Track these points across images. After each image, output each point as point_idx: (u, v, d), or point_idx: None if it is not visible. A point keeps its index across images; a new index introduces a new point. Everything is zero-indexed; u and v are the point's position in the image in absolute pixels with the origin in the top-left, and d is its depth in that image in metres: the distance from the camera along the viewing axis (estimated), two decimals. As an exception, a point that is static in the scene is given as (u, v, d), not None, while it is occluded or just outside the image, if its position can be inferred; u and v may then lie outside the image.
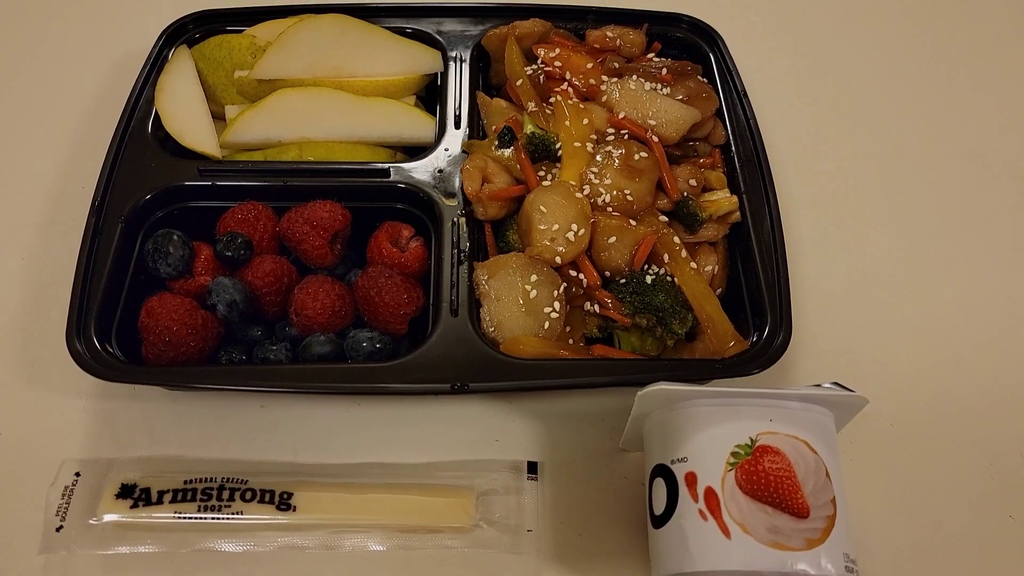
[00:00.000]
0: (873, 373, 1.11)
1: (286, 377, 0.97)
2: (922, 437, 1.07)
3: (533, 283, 1.03)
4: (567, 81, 1.23)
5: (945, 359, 1.13)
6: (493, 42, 1.29)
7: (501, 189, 1.11)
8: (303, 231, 1.08)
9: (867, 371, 1.11)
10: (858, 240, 1.25)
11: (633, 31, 1.28)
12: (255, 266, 1.06)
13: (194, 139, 1.16)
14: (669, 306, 1.02)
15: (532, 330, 1.02)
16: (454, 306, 1.03)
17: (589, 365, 0.99)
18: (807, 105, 1.43)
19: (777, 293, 1.05)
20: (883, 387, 1.09)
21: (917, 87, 1.47)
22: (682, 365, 1.01)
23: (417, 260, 1.10)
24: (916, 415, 1.08)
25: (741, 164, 1.17)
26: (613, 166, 1.10)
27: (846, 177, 1.33)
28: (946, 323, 1.17)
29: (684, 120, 1.15)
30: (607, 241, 1.05)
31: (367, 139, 1.19)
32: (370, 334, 1.03)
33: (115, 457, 1.02)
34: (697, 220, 1.09)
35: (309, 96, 1.18)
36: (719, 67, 1.27)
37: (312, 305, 1.03)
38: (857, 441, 1.04)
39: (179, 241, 1.05)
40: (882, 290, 1.20)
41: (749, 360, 0.99)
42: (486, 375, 0.97)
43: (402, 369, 0.97)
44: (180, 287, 1.06)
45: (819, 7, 1.59)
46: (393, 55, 1.23)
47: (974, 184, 1.33)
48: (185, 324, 0.99)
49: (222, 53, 1.23)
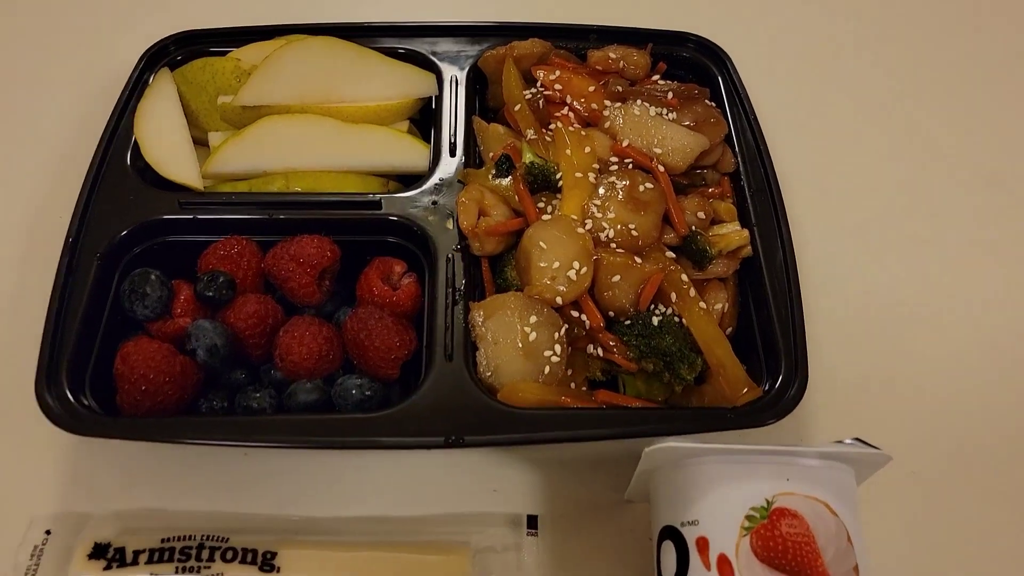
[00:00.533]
0: (893, 416, 1.05)
1: (269, 430, 0.91)
2: (947, 487, 1.01)
3: (532, 325, 0.97)
4: (568, 105, 1.17)
5: (972, 401, 1.07)
6: (490, 64, 1.23)
7: (498, 223, 1.05)
8: (289, 268, 1.02)
9: (887, 414, 1.05)
10: (876, 274, 1.19)
11: (637, 52, 1.22)
12: (238, 307, 1.00)
13: (175, 169, 1.10)
14: (677, 350, 0.96)
15: (532, 375, 0.96)
16: (448, 350, 0.97)
17: (593, 416, 0.93)
18: (820, 129, 1.36)
19: (791, 334, 0.99)
20: (904, 431, 1.03)
21: (937, 110, 1.41)
22: (691, 416, 0.95)
23: (410, 299, 1.04)
24: (941, 463, 1.02)
25: (752, 194, 1.11)
26: (617, 198, 1.04)
27: (862, 207, 1.26)
28: (973, 363, 1.11)
29: (691, 148, 1.09)
30: (611, 280, 0.99)
31: (357, 168, 1.13)
32: (359, 381, 0.97)
33: (89, 512, 0.97)
34: (706, 257, 1.03)
35: (296, 123, 1.12)
36: (727, 90, 1.21)
37: (297, 350, 0.97)
38: (875, 491, 0.97)
39: (157, 281, 0.99)
40: (903, 327, 1.13)
41: (763, 409, 0.93)
42: (483, 427, 0.91)
43: (393, 420, 0.92)
44: (159, 329, 1.00)
45: (832, 26, 1.53)
46: (385, 79, 1.17)
47: (997, 210, 1.27)
48: (162, 372, 0.93)
49: (205, 77, 1.17)
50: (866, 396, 1.07)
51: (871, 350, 1.11)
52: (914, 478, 1.01)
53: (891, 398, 1.07)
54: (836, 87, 1.43)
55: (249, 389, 0.99)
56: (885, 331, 1.13)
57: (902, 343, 1.13)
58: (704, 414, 0.95)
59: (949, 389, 1.08)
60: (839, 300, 1.14)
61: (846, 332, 1.12)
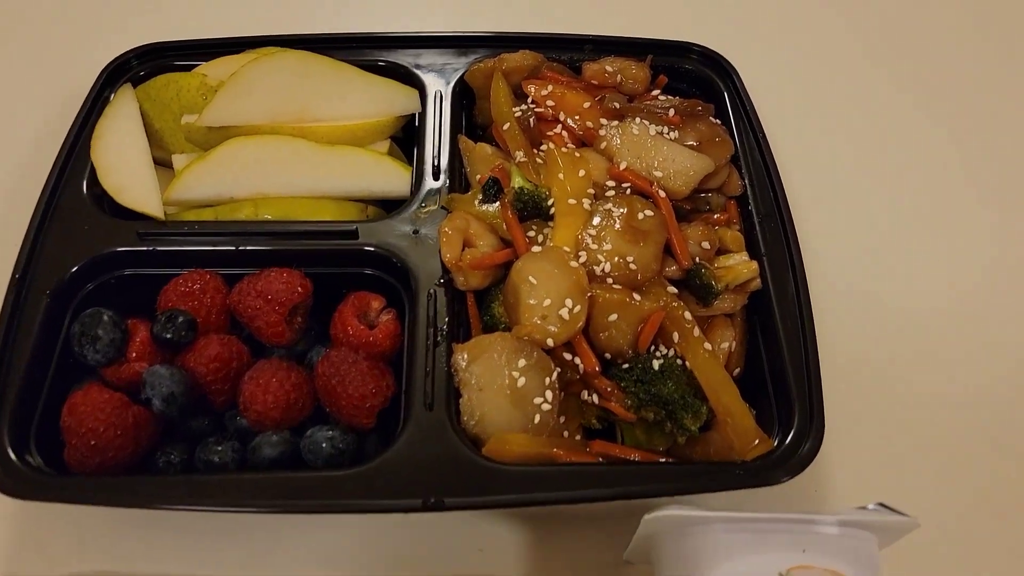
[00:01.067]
0: (919, 468, 0.96)
1: (229, 492, 0.82)
2: (977, 545, 0.92)
3: (521, 369, 0.88)
4: (561, 123, 1.09)
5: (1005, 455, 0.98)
6: (478, 77, 1.14)
7: (484, 256, 0.96)
8: (256, 306, 0.94)
9: (912, 466, 0.97)
10: (899, 309, 1.09)
11: (636, 64, 1.13)
12: (199, 350, 0.92)
13: (133, 197, 1.01)
14: (680, 397, 0.88)
15: (520, 424, 0.88)
16: (428, 399, 0.88)
17: (587, 473, 0.85)
18: (835, 149, 1.27)
19: (805, 377, 0.91)
20: (931, 484, 0.94)
21: (962, 128, 1.31)
22: (696, 473, 0.86)
23: (388, 338, 0.95)
24: (971, 520, 0.93)
25: (760, 220, 1.02)
26: (613, 228, 0.95)
27: (881, 233, 1.17)
28: (1008, 407, 1.01)
29: (695, 171, 1.01)
30: (607, 319, 0.91)
31: (332, 194, 1.04)
32: (330, 433, 0.88)
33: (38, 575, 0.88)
34: (712, 292, 0.94)
35: (265, 145, 1.04)
36: (734, 105, 1.12)
37: (263, 399, 0.88)
38: (896, 551, 0.89)
39: (109, 322, 0.90)
40: (929, 368, 1.04)
41: (775, 465, 0.85)
42: (466, 486, 0.83)
43: (366, 478, 0.83)
44: (113, 374, 0.92)
45: (847, 38, 1.43)
46: (363, 95, 1.09)
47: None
48: (113, 425, 0.85)
49: (169, 94, 1.08)
50: (888, 446, 0.98)
51: (894, 394, 1.02)
52: (942, 535, 0.92)
53: (917, 449, 0.98)
54: (852, 103, 1.33)
55: (210, 441, 0.90)
56: (910, 374, 1.04)
57: (928, 386, 1.03)
58: (711, 471, 0.86)
59: (981, 438, 0.99)
60: (858, 338, 1.05)
61: (866, 374, 1.03)
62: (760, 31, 1.42)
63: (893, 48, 1.42)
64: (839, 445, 0.93)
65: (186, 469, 0.90)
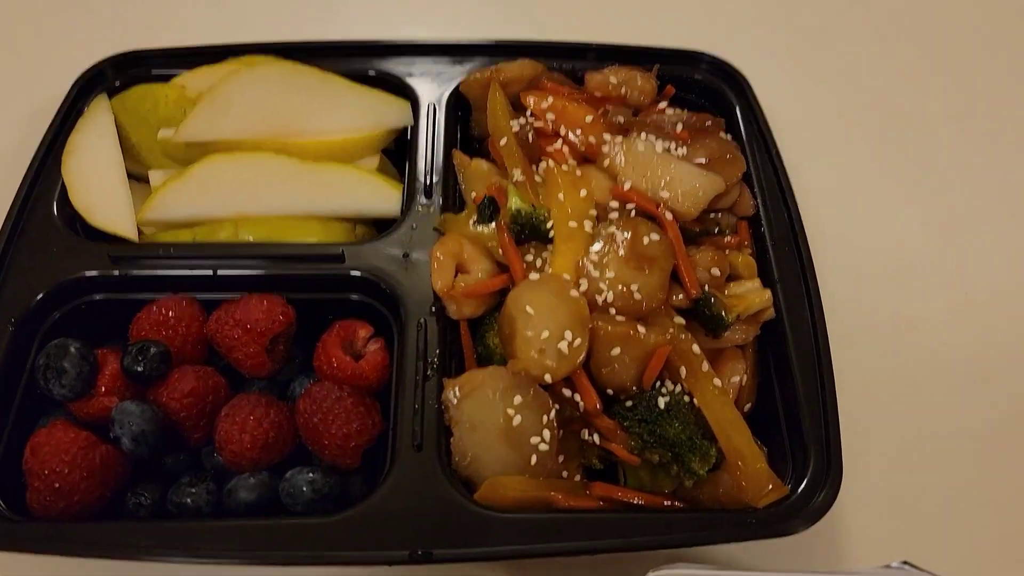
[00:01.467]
0: (945, 516, 0.90)
1: (201, 541, 0.76)
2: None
3: (517, 406, 0.83)
4: (562, 138, 1.02)
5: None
6: (474, 88, 1.08)
7: (478, 284, 0.90)
8: (234, 336, 0.88)
9: (937, 516, 0.90)
10: (922, 343, 1.03)
11: (642, 75, 1.06)
12: (172, 384, 0.86)
13: (105, 217, 0.96)
14: (687, 439, 0.82)
15: (516, 466, 0.82)
16: (417, 439, 0.82)
17: (587, 522, 0.79)
18: (854, 166, 1.20)
19: (822, 417, 0.85)
20: (958, 536, 0.88)
21: (989, 143, 1.23)
22: (704, 523, 0.80)
23: (375, 370, 0.89)
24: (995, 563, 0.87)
25: (774, 243, 0.96)
26: (617, 254, 0.89)
27: (904, 259, 1.10)
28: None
29: (704, 192, 0.95)
30: (609, 353, 0.84)
31: (318, 214, 0.98)
32: (311, 476, 0.82)
33: (-1, 624, 0.82)
34: (722, 324, 0.88)
35: (247, 162, 0.98)
36: (746, 119, 1.06)
37: (239, 439, 0.82)
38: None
39: (77, 355, 0.85)
40: (956, 408, 0.97)
41: (790, 514, 0.79)
42: (456, 537, 0.77)
43: (349, 526, 0.78)
44: (80, 409, 0.86)
45: (870, 47, 1.35)
46: (352, 108, 1.03)
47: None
48: (79, 467, 0.79)
49: (146, 106, 1.03)
50: (913, 493, 0.92)
51: (918, 437, 0.95)
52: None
53: (943, 496, 0.92)
54: (875, 119, 1.26)
55: (184, 483, 0.84)
56: (936, 413, 0.97)
57: (956, 429, 0.96)
58: (720, 520, 0.80)
59: (1015, 488, 0.92)
60: (879, 374, 0.98)
61: (889, 414, 0.96)
62: (774, 39, 1.35)
63: (922, 59, 1.34)
64: (859, 490, 0.87)
65: (158, 511, 0.84)
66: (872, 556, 0.85)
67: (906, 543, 0.78)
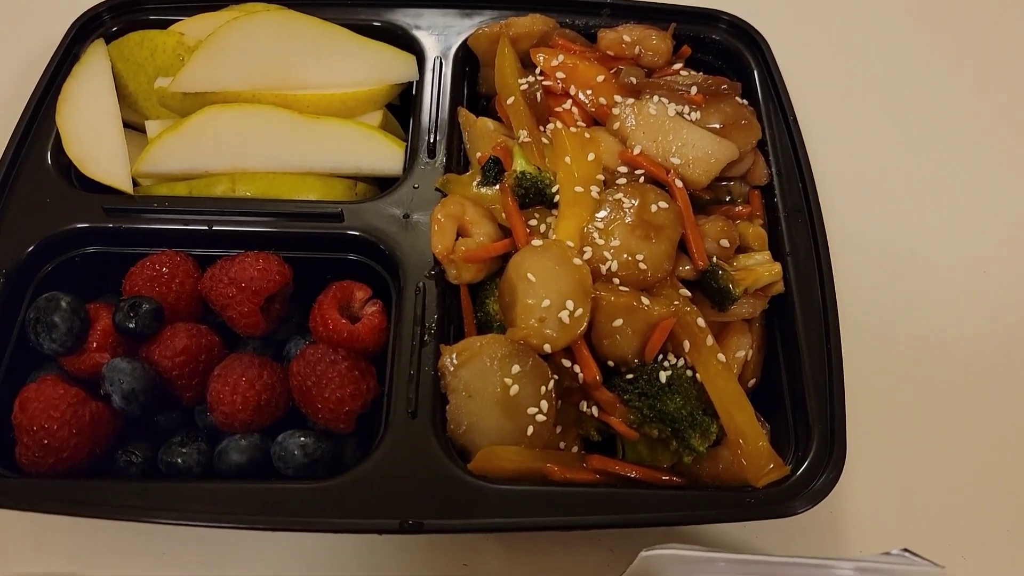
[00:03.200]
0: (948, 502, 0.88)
1: (190, 503, 0.75)
2: None
3: (515, 376, 0.81)
4: (571, 98, 0.99)
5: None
6: (482, 43, 1.04)
7: (479, 249, 0.87)
8: (228, 294, 0.86)
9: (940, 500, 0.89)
10: (936, 324, 0.99)
11: (657, 34, 1.02)
12: (165, 341, 0.84)
13: (100, 168, 0.93)
14: (687, 415, 0.80)
15: (511, 436, 0.81)
16: (412, 406, 0.81)
17: (581, 497, 0.77)
18: (873, 135, 1.15)
19: (827, 396, 0.83)
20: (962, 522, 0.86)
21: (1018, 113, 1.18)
22: (702, 501, 0.78)
23: (372, 333, 0.87)
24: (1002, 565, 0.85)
25: (786, 215, 0.93)
26: (623, 221, 0.86)
27: (920, 234, 1.07)
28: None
29: (717, 158, 0.91)
30: (612, 325, 0.82)
31: (317, 170, 0.95)
32: (303, 440, 0.81)
33: (-11, 577, 0.82)
34: (729, 297, 0.85)
35: (245, 115, 0.95)
36: (763, 83, 1.02)
37: (230, 400, 0.81)
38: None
39: (68, 309, 0.83)
40: (967, 392, 0.95)
41: (789, 495, 0.77)
42: (448, 507, 0.76)
43: (340, 492, 0.76)
44: (72, 364, 0.85)
45: (895, 11, 1.29)
46: (355, 62, 0.99)
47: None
48: (67, 423, 0.78)
49: (143, 53, 0.99)
50: (917, 477, 0.90)
51: (925, 420, 0.93)
52: (964, 564, 0.85)
53: (948, 481, 0.90)
54: (898, 85, 1.21)
55: (175, 442, 0.83)
56: (945, 396, 0.95)
57: (968, 414, 0.94)
58: (718, 499, 0.78)
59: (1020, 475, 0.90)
60: (889, 355, 0.96)
61: (896, 396, 0.94)
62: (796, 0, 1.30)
63: (950, 29, 1.28)
64: (862, 472, 0.85)
65: (148, 470, 0.83)
66: (873, 542, 0.83)
67: (907, 531, 0.76)
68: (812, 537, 0.85)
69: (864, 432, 0.83)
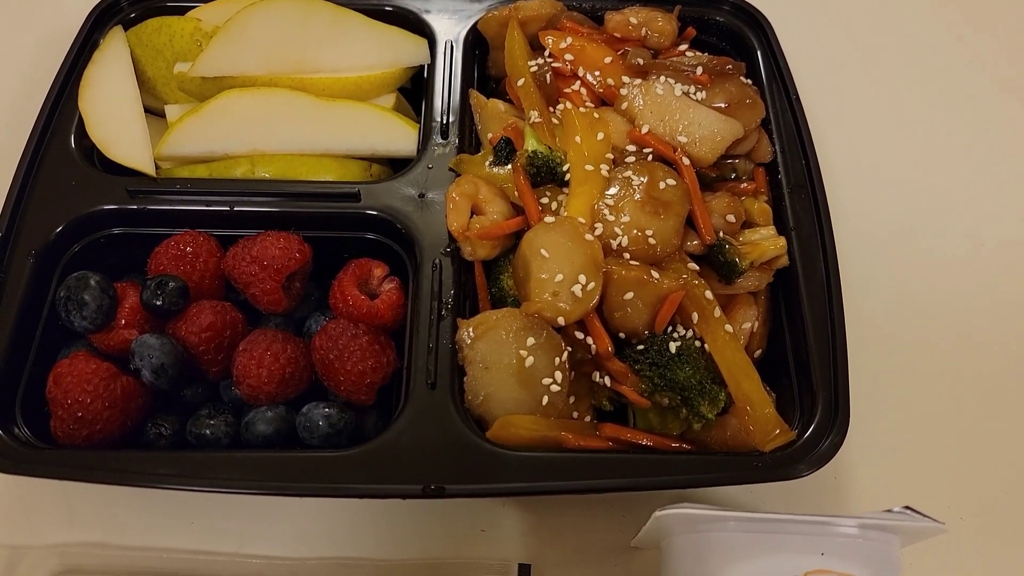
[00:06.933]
0: (947, 463, 0.92)
1: (219, 471, 0.78)
2: (1008, 548, 0.87)
3: (530, 348, 0.84)
4: (580, 80, 1.01)
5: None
6: (492, 26, 1.06)
7: (493, 226, 0.90)
8: (251, 272, 0.89)
9: (940, 462, 0.92)
10: (935, 296, 1.02)
11: (662, 16, 1.05)
12: (190, 318, 0.87)
13: (123, 151, 0.96)
14: (697, 383, 0.83)
15: (527, 406, 0.84)
16: (431, 377, 0.84)
17: (596, 462, 0.80)
18: (875, 114, 1.17)
19: (831, 365, 0.86)
20: (961, 482, 0.89)
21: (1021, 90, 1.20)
22: (712, 465, 0.81)
23: (390, 309, 0.90)
24: (1000, 522, 0.88)
25: (790, 191, 0.96)
26: (632, 198, 0.89)
27: (922, 211, 1.09)
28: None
29: (722, 136, 0.94)
30: (623, 298, 0.85)
31: (333, 151, 0.98)
32: (327, 411, 0.84)
33: (25, 544, 0.86)
34: (735, 270, 0.88)
35: (262, 99, 0.97)
36: (767, 64, 1.05)
37: (256, 373, 0.84)
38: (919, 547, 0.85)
39: (97, 288, 0.86)
40: (965, 358, 0.98)
41: (795, 458, 0.80)
42: (468, 472, 0.79)
43: (363, 460, 0.79)
44: (101, 341, 0.88)
45: None
46: (368, 46, 1.01)
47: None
48: (100, 396, 0.81)
49: (162, 39, 1.02)
50: (918, 440, 0.93)
51: (926, 385, 0.96)
52: (962, 524, 0.88)
53: (947, 444, 0.93)
54: (900, 63, 1.23)
55: (203, 414, 0.86)
56: (945, 363, 0.98)
57: (965, 379, 0.97)
58: (726, 463, 0.81)
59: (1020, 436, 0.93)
60: (890, 324, 0.99)
61: (897, 362, 0.97)
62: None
63: (949, 6, 1.30)
64: (864, 437, 0.88)
65: (177, 442, 0.86)
66: (875, 504, 0.86)
67: (908, 493, 0.79)
68: (816, 500, 0.89)
69: (866, 398, 0.86)
